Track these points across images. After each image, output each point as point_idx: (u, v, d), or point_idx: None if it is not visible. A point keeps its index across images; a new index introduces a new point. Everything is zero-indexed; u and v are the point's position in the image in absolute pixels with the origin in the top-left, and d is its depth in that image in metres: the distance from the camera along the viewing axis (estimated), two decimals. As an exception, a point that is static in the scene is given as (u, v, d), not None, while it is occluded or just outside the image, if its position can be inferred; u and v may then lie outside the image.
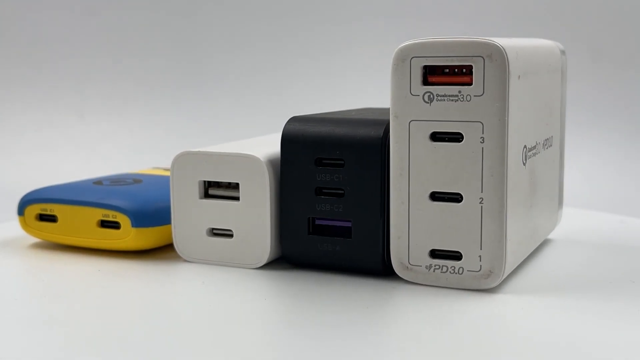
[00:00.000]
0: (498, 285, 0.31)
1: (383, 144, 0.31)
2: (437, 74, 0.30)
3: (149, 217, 0.35)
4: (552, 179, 0.37)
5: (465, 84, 0.29)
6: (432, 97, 0.30)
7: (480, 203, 0.30)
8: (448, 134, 0.30)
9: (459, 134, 0.30)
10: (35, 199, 0.37)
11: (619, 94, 0.73)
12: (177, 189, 0.35)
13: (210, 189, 0.35)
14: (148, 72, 0.80)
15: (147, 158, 0.63)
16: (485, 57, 0.29)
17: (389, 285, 0.32)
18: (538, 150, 0.34)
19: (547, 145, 0.36)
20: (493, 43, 0.29)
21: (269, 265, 0.34)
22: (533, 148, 0.33)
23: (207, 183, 0.35)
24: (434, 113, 0.30)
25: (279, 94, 0.79)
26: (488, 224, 0.30)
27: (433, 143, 0.30)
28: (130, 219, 0.35)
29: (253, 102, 0.79)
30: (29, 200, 0.37)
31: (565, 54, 0.39)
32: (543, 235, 0.37)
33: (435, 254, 0.31)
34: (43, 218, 0.37)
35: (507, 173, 0.30)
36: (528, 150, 0.32)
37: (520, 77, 0.30)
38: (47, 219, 0.37)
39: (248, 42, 0.79)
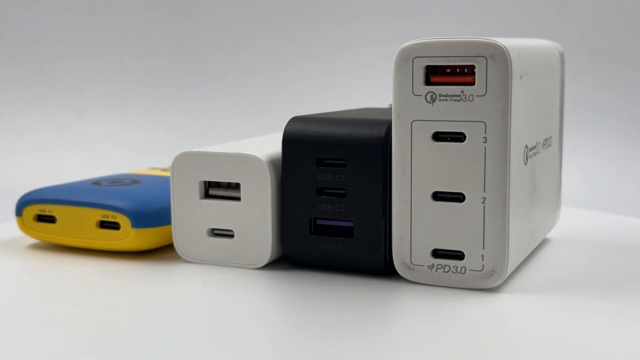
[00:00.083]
0: (500, 285, 0.31)
1: (385, 144, 0.31)
2: (439, 74, 0.30)
3: (149, 217, 0.35)
4: (551, 179, 0.37)
5: (468, 84, 0.29)
6: (434, 97, 0.30)
7: (483, 203, 0.30)
8: (450, 134, 0.30)
9: (462, 134, 0.30)
10: (34, 200, 0.37)
11: (619, 94, 0.73)
12: (177, 189, 0.35)
13: (211, 189, 0.35)
14: (148, 72, 0.80)
15: (147, 158, 0.63)
16: (488, 57, 0.29)
17: (391, 285, 0.32)
18: (538, 150, 0.34)
19: (546, 145, 0.36)
20: (496, 43, 0.29)
21: (270, 266, 0.34)
22: (534, 148, 0.33)
23: (207, 183, 0.35)
24: (437, 113, 0.30)
25: (279, 94, 0.79)
26: (490, 224, 0.30)
27: (435, 143, 0.30)
28: (130, 220, 0.35)
29: (253, 102, 0.79)
30: (27, 201, 0.37)
31: (563, 55, 0.39)
32: (542, 235, 0.37)
33: (438, 254, 0.31)
34: (41, 219, 0.37)
35: (509, 173, 0.30)
36: (529, 150, 0.32)
37: (522, 77, 0.30)
38: (45, 220, 0.37)
39: (248, 42, 0.79)
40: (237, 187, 0.34)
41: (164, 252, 0.37)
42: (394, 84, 0.30)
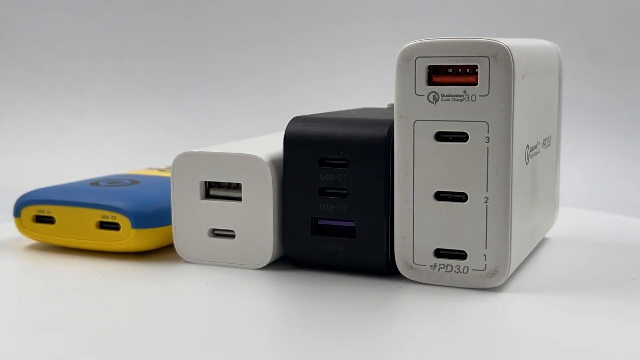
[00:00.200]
0: (502, 284, 0.31)
1: (387, 144, 0.31)
2: (441, 74, 0.30)
3: (149, 218, 0.35)
4: (550, 178, 0.37)
5: (471, 84, 0.29)
6: (437, 97, 0.30)
7: (486, 202, 0.30)
8: (453, 134, 0.30)
9: (464, 134, 0.30)
10: (32, 201, 0.37)
11: (619, 94, 0.73)
12: (177, 190, 0.35)
13: (211, 190, 0.34)
14: (148, 72, 0.80)
15: (147, 158, 0.63)
16: (491, 57, 0.29)
17: (394, 285, 0.32)
18: (538, 150, 0.34)
19: (546, 145, 0.36)
20: (498, 43, 0.29)
21: (271, 266, 0.34)
22: (534, 147, 0.33)
23: (207, 183, 0.34)
24: (439, 113, 0.30)
25: (279, 94, 0.79)
26: (493, 223, 0.30)
27: (438, 143, 0.30)
28: (130, 220, 0.35)
29: (253, 102, 0.79)
30: (26, 202, 0.37)
31: (560, 55, 0.39)
32: (541, 234, 0.37)
33: (440, 254, 0.31)
34: (40, 220, 0.37)
35: (512, 172, 0.30)
36: (530, 150, 0.32)
37: (524, 77, 0.30)
38: (44, 221, 0.37)
39: (248, 42, 0.79)
40: (237, 187, 0.34)
41: (164, 252, 0.37)
42: (396, 84, 0.30)
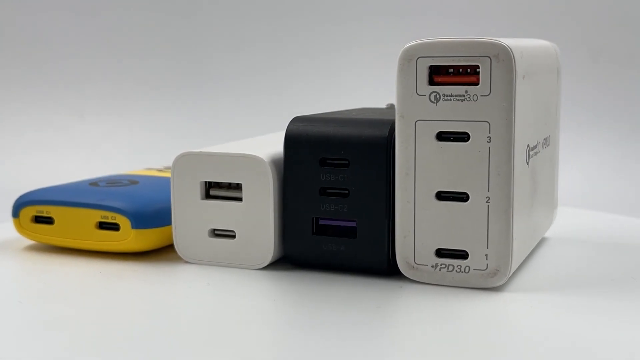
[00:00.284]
0: (503, 284, 0.31)
1: (388, 144, 0.31)
2: (443, 74, 0.30)
3: (149, 218, 0.35)
4: (549, 178, 0.37)
5: (472, 84, 0.29)
6: (438, 97, 0.30)
7: (487, 202, 0.30)
8: (454, 134, 0.30)
9: (465, 134, 0.30)
10: (31, 201, 0.37)
11: (619, 94, 0.73)
12: (178, 190, 0.34)
13: (212, 190, 0.34)
14: (148, 72, 0.80)
15: (147, 158, 0.63)
16: (492, 57, 0.29)
17: (395, 285, 0.32)
18: (538, 150, 0.34)
19: (545, 145, 0.36)
20: (500, 43, 0.29)
21: (272, 266, 0.34)
22: (535, 147, 0.33)
23: (207, 184, 0.34)
24: (440, 113, 0.30)
25: (279, 94, 0.79)
26: (494, 223, 0.30)
27: (439, 143, 0.30)
28: (131, 221, 0.35)
29: (253, 102, 0.79)
30: (24, 202, 0.37)
31: (559, 55, 0.39)
32: (541, 234, 0.37)
33: (441, 253, 0.31)
34: (39, 220, 0.37)
35: (513, 172, 0.30)
36: (530, 149, 0.33)
37: (525, 76, 0.30)
38: (43, 221, 0.37)
39: (248, 42, 0.79)
40: (237, 187, 0.34)
41: (165, 253, 0.37)
42: (398, 84, 0.30)
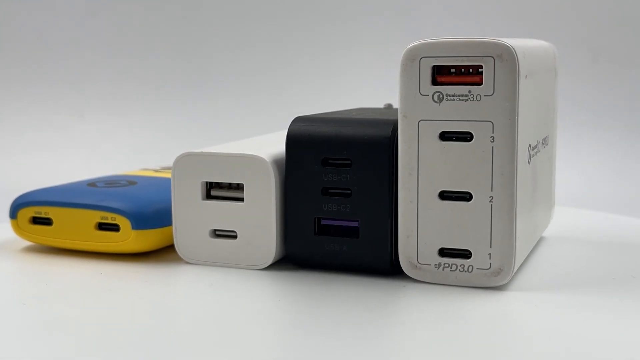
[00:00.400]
0: (506, 283, 0.31)
1: (391, 144, 0.31)
2: (446, 74, 0.30)
3: (149, 219, 0.35)
4: (547, 177, 0.37)
5: (475, 84, 0.29)
6: (441, 96, 0.30)
7: (490, 202, 0.30)
8: (457, 134, 0.30)
9: (469, 134, 0.30)
10: (29, 202, 0.36)
11: (619, 94, 0.74)
12: (178, 190, 0.34)
13: (212, 190, 0.34)
14: (148, 72, 0.80)
15: (147, 158, 0.63)
16: (496, 57, 0.29)
17: (398, 285, 0.32)
18: (538, 149, 0.34)
19: (544, 144, 0.36)
20: (503, 43, 0.29)
21: (273, 266, 0.34)
22: (535, 147, 0.33)
23: (208, 184, 0.34)
24: (444, 113, 0.30)
25: (279, 94, 0.79)
26: (498, 222, 0.30)
27: (442, 142, 0.30)
28: (131, 221, 0.35)
29: (253, 102, 0.79)
30: (22, 203, 0.36)
31: (557, 55, 0.39)
32: (540, 233, 0.37)
33: (445, 253, 0.31)
34: (37, 221, 0.36)
35: (516, 172, 0.30)
36: (531, 149, 0.33)
37: (527, 76, 0.30)
38: (41, 222, 0.36)
39: (248, 42, 0.79)
40: (238, 187, 0.34)
41: (165, 253, 0.36)
42: (401, 84, 0.30)
